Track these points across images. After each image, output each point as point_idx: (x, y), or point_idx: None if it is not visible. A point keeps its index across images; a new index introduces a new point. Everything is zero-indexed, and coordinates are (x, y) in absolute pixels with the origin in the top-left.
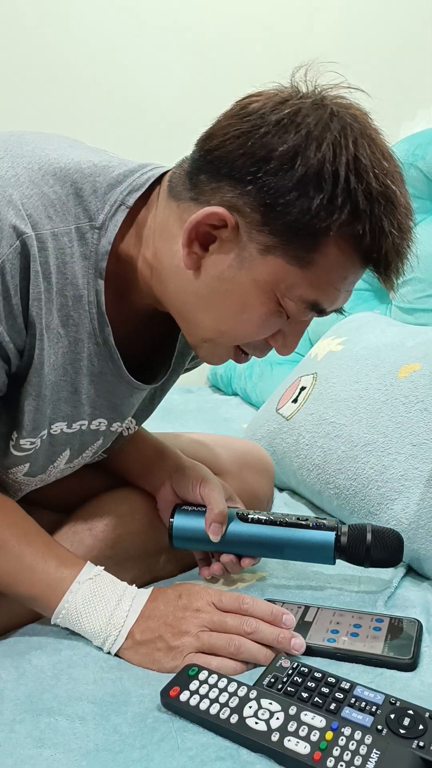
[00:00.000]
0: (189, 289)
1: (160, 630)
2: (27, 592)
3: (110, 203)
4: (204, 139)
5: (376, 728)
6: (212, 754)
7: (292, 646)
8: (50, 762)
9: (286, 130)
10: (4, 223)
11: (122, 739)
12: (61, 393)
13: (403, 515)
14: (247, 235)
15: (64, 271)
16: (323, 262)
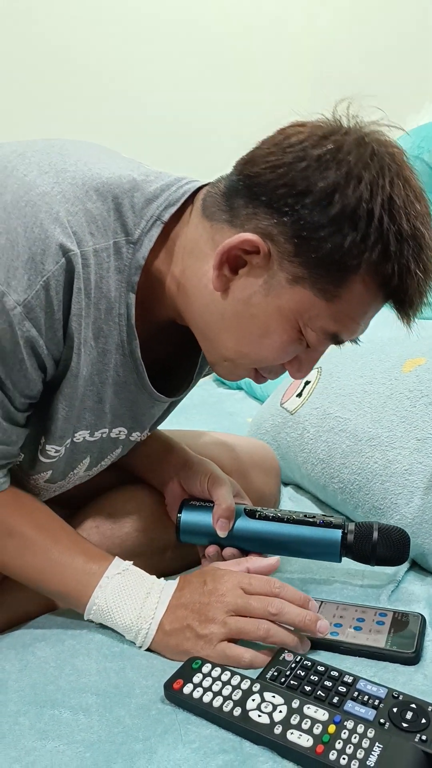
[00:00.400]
0: (214, 309)
1: (187, 619)
2: (58, 589)
3: (146, 218)
4: (244, 163)
5: (379, 722)
6: (215, 746)
7: (318, 628)
8: (53, 753)
9: (327, 166)
10: (52, 240)
11: (125, 730)
12: (87, 402)
13: (407, 510)
14: (278, 263)
15: (101, 286)
16: (348, 297)
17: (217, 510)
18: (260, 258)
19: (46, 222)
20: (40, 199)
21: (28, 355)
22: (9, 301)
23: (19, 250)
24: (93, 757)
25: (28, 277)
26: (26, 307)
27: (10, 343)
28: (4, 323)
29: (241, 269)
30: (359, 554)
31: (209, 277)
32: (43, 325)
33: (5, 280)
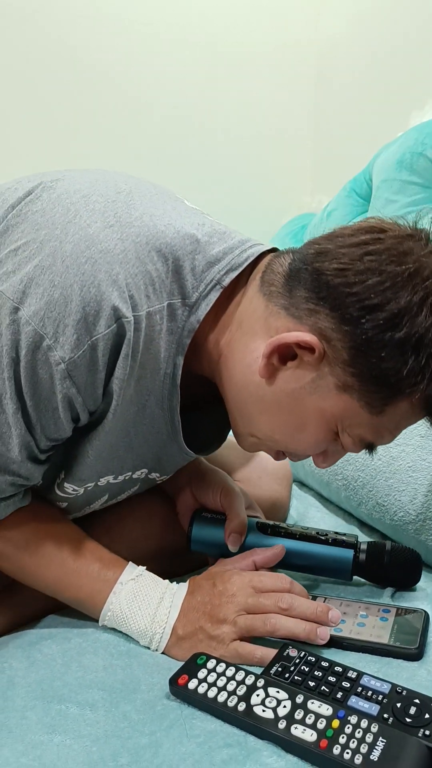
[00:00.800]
0: (254, 391)
1: (199, 621)
2: (74, 597)
3: (206, 282)
4: (315, 255)
5: (383, 717)
6: (220, 741)
7: (330, 618)
8: (60, 748)
9: (402, 286)
10: (107, 303)
11: (131, 725)
12: (118, 452)
13: (411, 506)
14: (329, 367)
15: (150, 347)
16: (392, 413)
17: (229, 524)
18: (313, 357)
19: (104, 284)
20: (101, 257)
21: (63, 408)
22: (54, 355)
23: (72, 308)
24: (99, 751)
25: (77, 337)
26: (70, 365)
27: (47, 393)
28: (45, 374)
29: (290, 361)
30: (370, 575)
31: (254, 357)
32: (84, 383)
33: (53, 335)
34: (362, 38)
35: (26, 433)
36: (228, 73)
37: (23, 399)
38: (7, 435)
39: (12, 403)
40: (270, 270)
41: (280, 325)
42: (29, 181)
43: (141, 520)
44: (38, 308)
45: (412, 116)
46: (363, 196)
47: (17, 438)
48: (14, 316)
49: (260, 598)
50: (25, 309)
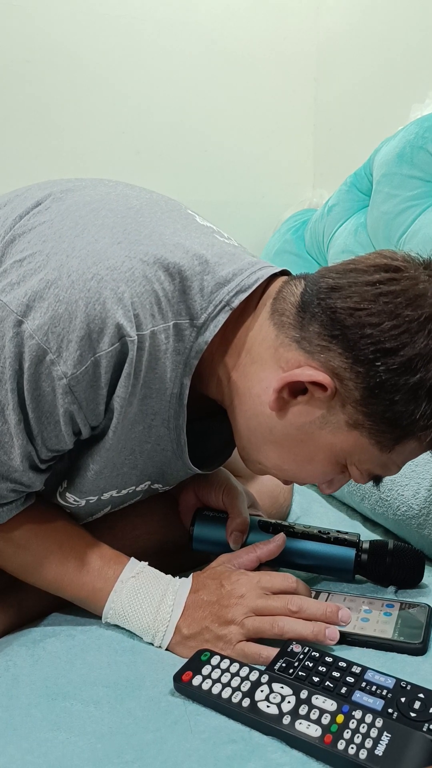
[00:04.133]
0: (264, 421)
1: (205, 621)
2: (76, 595)
3: (215, 303)
4: (328, 290)
5: (387, 712)
6: (224, 736)
7: (340, 618)
8: (65, 744)
9: (418, 331)
10: (111, 320)
11: (136, 722)
12: (122, 469)
13: (414, 501)
14: (341, 404)
15: (155, 367)
16: (401, 450)
17: (231, 523)
18: (324, 395)
19: (110, 301)
20: (107, 274)
21: (64, 422)
22: (57, 370)
23: (77, 324)
24: (104, 748)
25: (81, 354)
26: (72, 380)
27: (49, 406)
28: (48, 388)
29: (300, 395)
30: (372, 575)
31: (263, 387)
32: (86, 399)
33: (57, 350)
34: (362, 32)
35: (28, 443)
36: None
37: (25, 411)
38: (9, 445)
39: (14, 414)
40: (281, 298)
41: (291, 358)
42: (39, 189)
43: (143, 517)
44: (42, 323)
45: (413, 110)
46: (364, 191)
47: (19, 448)
48: (18, 329)
49: (269, 600)
50: (29, 323)
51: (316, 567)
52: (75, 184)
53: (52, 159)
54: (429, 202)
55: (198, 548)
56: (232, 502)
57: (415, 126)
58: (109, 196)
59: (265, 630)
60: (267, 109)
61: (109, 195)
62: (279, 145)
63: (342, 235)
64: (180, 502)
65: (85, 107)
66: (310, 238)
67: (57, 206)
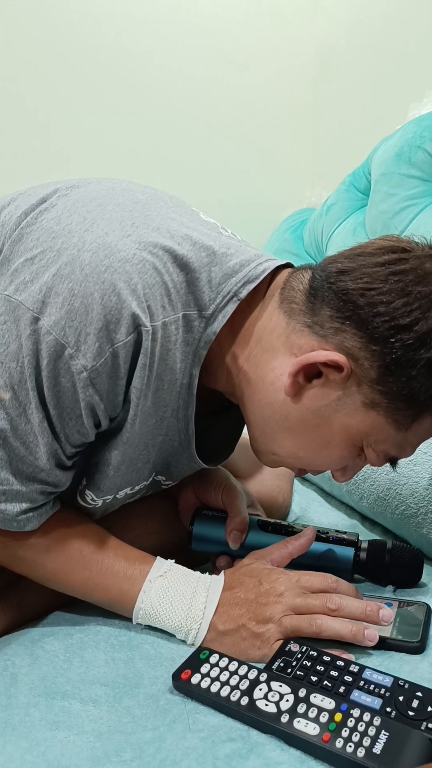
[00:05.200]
0: (278, 408)
1: (242, 618)
2: (104, 598)
3: (223, 294)
4: (338, 273)
5: (385, 710)
6: (223, 735)
7: (381, 617)
8: (64, 744)
9: (430, 306)
10: (127, 311)
11: (135, 720)
12: (137, 464)
13: (412, 500)
14: (357, 385)
15: (166, 358)
16: (417, 429)
17: (230, 522)
18: (340, 376)
19: (124, 292)
20: (120, 266)
21: (86, 416)
22: (77, 364)
23: (93, 317)
24: (103, 747)
25: (99, 345)
26: (93, 372)
27: (70, 401)
28: (68, 382)
29: (315, 379)
30: (371, 574)
31: (277, 374)
32: (106, 390)
33: (75, 343)
34: (360, 32)
35: (53, 441)
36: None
37: (47, 408)
38: (34, 444)
39: (37, 412)
40: (289, 286)
41: (304, 344)
42: (43, 187)
43: (143, 516)
44: (59, 317)
45: (411, 109)
46: (362, 190)
47: (44, 447)
48: (34, 326)
49: (308, 598)
50: (46, 319)
51: (314, 566)
52: (79, 182)
53: (50, 159)
54: (427, 201)
55: (197, 547)
56: (231, 502)
57: (414, 125)
58: (114, 191)
59: (303, 628)
60: (266, 109)
61: (115, 190)
62: (278, 145)
63: (340, 235)
64: (179, 501)
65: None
66: (308, 237)
67: (63, 202)
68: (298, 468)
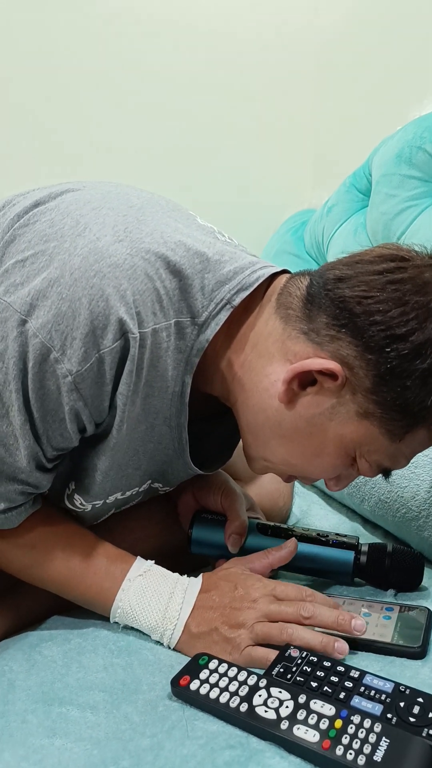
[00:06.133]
0: (272, 415)
1: (215, 622)
2: (83, 596)
3: (216, 301)
4: (335, 281)
5: (386, 716)
6: (222, 742)
7: (353, 627)
8: (62, 751)
9: (427, 317)
10: (114, 317)
11: (133, 727)
12: (127, 470)
13: (413, 503)
14: (351, 394)
15: (156, 365)
16: (410, 440)
17: (230, 526)
18: (334, 384)
19: (113, 298)
20: (110, 271)
21: (70, 420)
22: (62, 368)
23: (81, 321)
24: (101, 754)
25: (85, 350)
26: (78, 377)
27: (54, 404)
28: (53, 386)
29: (309, 387)
30: (371, 578)
31: (271, 381)
32: (91, 396)
33: (61, 347)
34: (361, 33)
35: (34, 443)
36: (227, 69)
37: (30, 411)
38: (15, 446)
39: (20, 414)
40: (286, 292)
41: (299, 350)
42: (40, 190)
43: (141, 520)
44: (46, 321)
45: (412, 110)
46: (363, 191)
47: (25, 449)
48: (22, 328)
49: (282, 605)
50: (33, 321)
51: (314, 570)
52: (74, 185)
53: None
54: (428, 202)
55: (196, 551)
56: (230, 505)
57: (414, 126)
58: (109, 195)
59: (274, 636)
60: (266, 110)
61: (110, 194)
62: (278, 146)
63: (341, 236)
64: (178, 504)
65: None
66: (309, 238)
67: (57, 205)
68: (287, 475)
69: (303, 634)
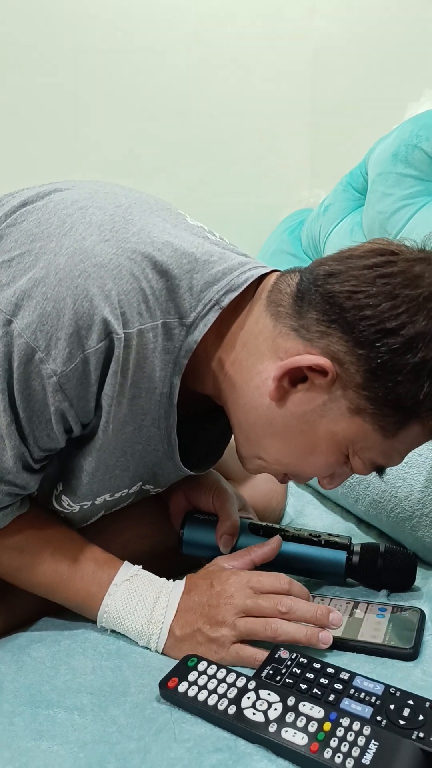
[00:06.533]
0: (263, 413)
1: (197, 623)
2: (71, 600)
3: (204, 302)
4: (325, 276)
5: (376, 719)
6: (210, 745)
7: (330, 621)
8: (47, 754)
9: (418, 310)
10: (98, 316)
11: (120, 730)
12: (115, 471)
13: (407, 503)
14: (342, 390)
15: (143, 366)
16: (404, 436)
17: (221, 526)
18: (325, 381)
19: (97, 298)
20: (95, 271)
21: (56, 421)
22: (47, 368)
23: (65, 321)
24: (86, 757)
25: (70, 351)
26: (62, 378)
27: (40, 405)
28: (38, 386)
29: (300, 384)
30: (364, 578)
31: (262, 378)
32: (76, 396)
33: (46, 348)
34: (357, 32)
35: (20, 444)
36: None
37: (16, 411)
38: (1, 447)
39: (5, 415)
40: (276, 290)
41: (290, 347)
42: (30, 189)
43: (133, 520)
44: (30, 321)
45: (408, 107)
46: (359, 190)
47: (11, 450)
48: (7, 328)
49: (259, 599)
50: (18, 321)
51: (307, 570)
52: (63, 185)
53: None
54: (424, 200)
55: (188, 552)
56: (222, 505)
57: (410, 124)
58: (97, 194)
59: (258, 632)
60: (263, 110)
61: (98, 193)
62: (275, 146)
63: (338, 235)
64: (170, 505)
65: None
66: (306, 237)
67: (44, 205)
68: (282, 474)
69: (287, 628)
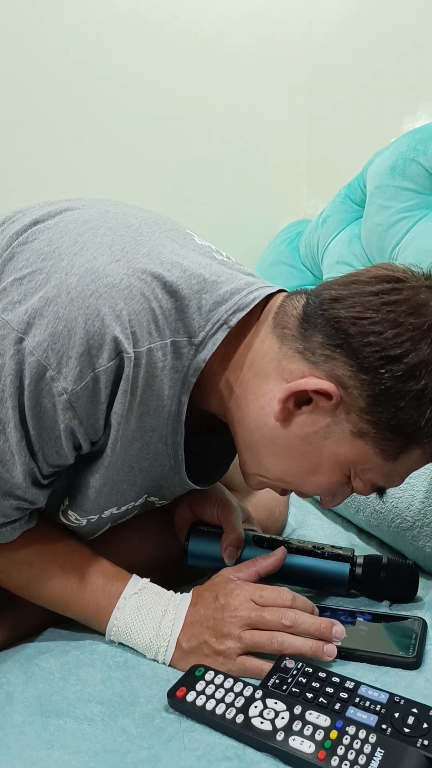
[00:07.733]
0: (267, 433)
1: (203, 636)
2: (80, 614)
3: (213, 321)
4: (331, 301)
5: (381, 727)
6: (219, 753)
7: (333, 633)
8: (59, 763)
9: (421, 339)
10: (109, 337)
11: (130, 739)
12: (122, 486)
13: (408, 513)
14: (345, 413)
15: (152, 384)
16: (404, 460)
17: (226, 538)
18: (329, 404)
19: (108, 318)
20: (106, 291)
21: (65, 438)
22: (57, 386)
23: (76, 341)
24: (98, 767)
25: (80, 369)
26: (73, 396)
27: (50, 422)
28: (48, 404)
29: (305, 406)
30: (366, 590)
31: (267, 399)
32: (86, 414)
33: (57, 366)
34: (355, 45)
35: (30, 460)
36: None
37: (27, 427)
38: (11, 462)
39: (16, 431)
40: (283, 312)
41: (295, 369)
42: (39, 208)
43: (138, 531)
44: (42, 339)
45: (404, 121)
46: (357, 203)
47: (21, 465)
48: (18, 346)
49: (263, 613)
50: (30, 340)
51: (310, 582)
52: (73, 203)
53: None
54: (421, 213)
55: (193, 563)
56: (227, 517)
57: (407, 138)
58: (107, 214)
59: (264, 645)
60: (261, 121)
61: (108, 213)
62: (273, 157)
63: (336, 246)
64: (175, 516)
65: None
66: (304, 249)
67: (56, 224)
68: (282, 489)
69: (293, 641)
